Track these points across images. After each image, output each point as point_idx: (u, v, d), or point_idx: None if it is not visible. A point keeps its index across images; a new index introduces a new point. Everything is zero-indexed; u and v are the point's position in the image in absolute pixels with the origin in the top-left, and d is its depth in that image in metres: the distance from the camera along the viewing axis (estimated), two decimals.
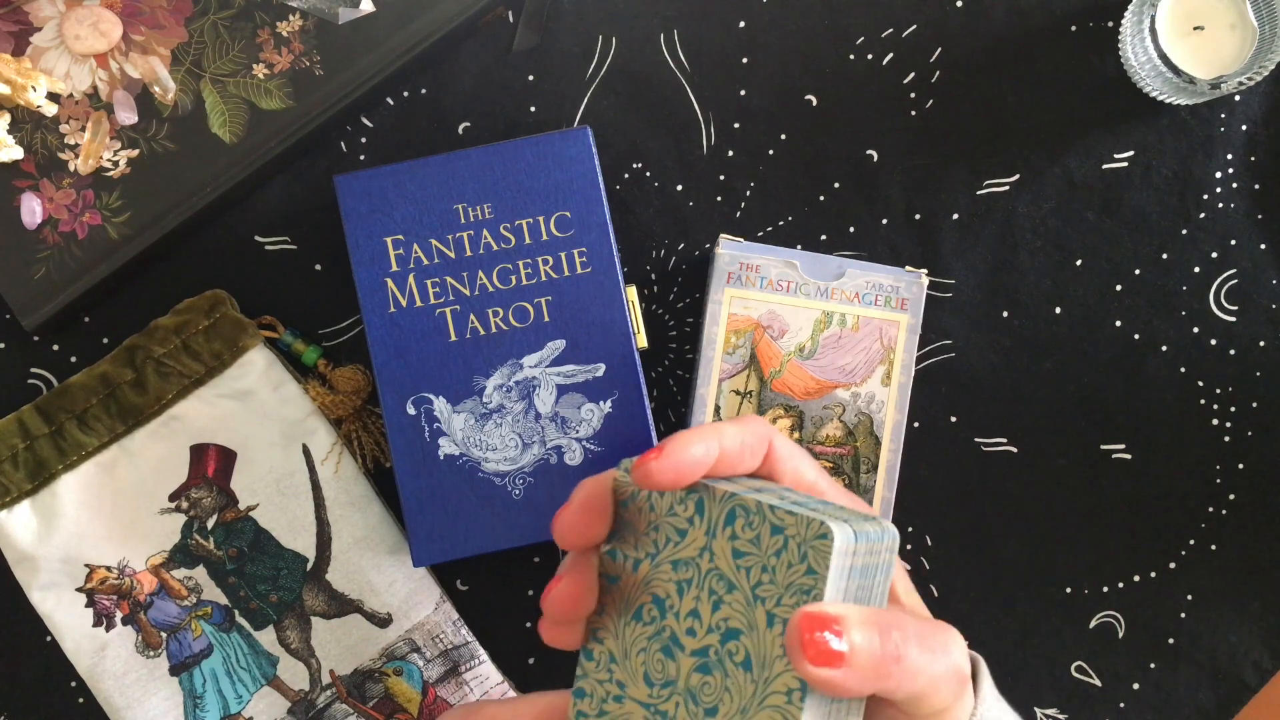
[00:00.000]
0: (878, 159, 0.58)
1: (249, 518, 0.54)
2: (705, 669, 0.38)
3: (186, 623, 0.54)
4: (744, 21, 0.58)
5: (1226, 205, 0.59)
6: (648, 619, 0.39)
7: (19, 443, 0.53)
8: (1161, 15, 0.55)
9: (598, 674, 0.40)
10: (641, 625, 0.39)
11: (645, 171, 0.58)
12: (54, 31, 0.53)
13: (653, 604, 0.39)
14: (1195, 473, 0.59)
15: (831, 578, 0.36)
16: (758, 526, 0.37)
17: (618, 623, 0.40)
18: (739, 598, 0.37)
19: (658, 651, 0.39)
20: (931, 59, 0.58)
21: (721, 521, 0.38)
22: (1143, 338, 0.59)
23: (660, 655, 0.39)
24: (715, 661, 0.38)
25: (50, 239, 0.53)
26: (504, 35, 0.57)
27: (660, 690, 0.39)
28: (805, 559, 0.36)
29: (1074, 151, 0.59)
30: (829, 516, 0.36)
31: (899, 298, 0.55)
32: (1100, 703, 0.59)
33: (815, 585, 0.36)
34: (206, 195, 0.53)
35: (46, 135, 0.53)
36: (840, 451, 0.55)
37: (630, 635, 0.40)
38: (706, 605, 0.38)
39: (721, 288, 0.55)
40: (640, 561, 0.39)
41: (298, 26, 0.54)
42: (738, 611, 0.38)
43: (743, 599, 0.37)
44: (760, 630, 0.37)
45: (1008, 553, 0.59)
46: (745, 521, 0.38)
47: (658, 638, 0.39)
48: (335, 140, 0.57)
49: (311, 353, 0.56)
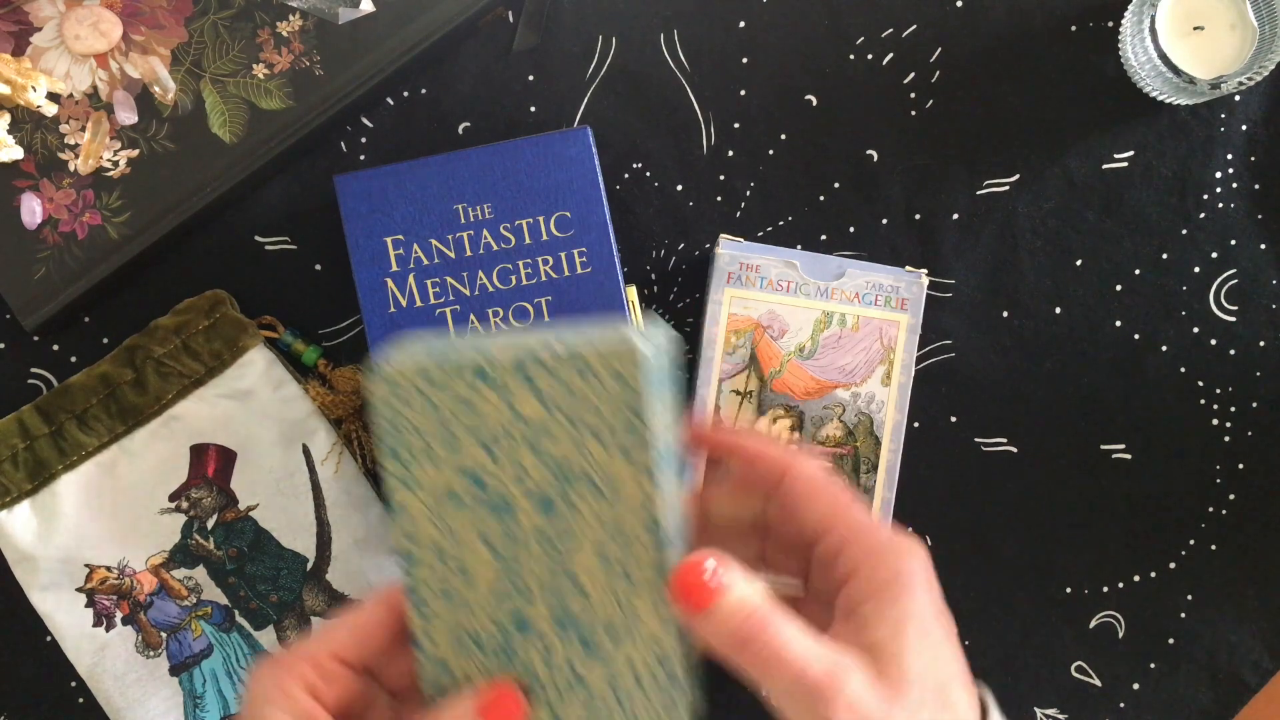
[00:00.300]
0: (878, 159, 0.58)
1: (249, 518, 0.54)
2: (549, 507, 0.39)
3: (186, 623, 0.54)
4: (744, 21, 0.58)
5: (1226, 205, 0.59)
6: (465, 496, 0.39)
7: (19, 443, 0.53)
8: (1161, 15, 0.55)
9: (427, 569, 0.40)
10: (461, 505, 0.39)
11: (645, 171, 0.58)
12: (54, 31, 0.53)
13: (466, 480, 0.39)
14: (1195, 473, 0.59)
15: (644, 385, 0.37)
16: (554, 367, 0.38)
17: (431, 515, 0.40)
18: (562, 436, 0.38)
19: (490, 518, 0.39)
20: (931, 59, 0.58)
21: (515, 380, 0.38)
22: (1143, 338, 0.59)
23: (493, 520, 0.39)
24: (558, 497, 0.39)
25: (50, 239, 0.53)
26: (504, 35, 0.57)
27: (507, 548, 0.39)
28: (618, 377, 0.38)
29: (1074, 151, 0.59)
30: (613, 333, 0.38)
31: (899, 298, 0.55)
32: (1100, 703, 0.59)
33: (635, 397, 0.38)
34: (206, 195, 0.53)
35: (46, 135, 0.53)
36: (840, 451, 0.55)
37: (452, 518, 0.39)
38: (529, 455, 0.39)
39: (721, 288, 0.55)
40: (434, 450, 0.39)
41: (298, 26, 0.54)
42: (563, 445, 0.38)
43: (566, 435, 0.38)
44: (594, 453, 0.38)
45: (1008, 553, 0.59)
46: (543, 371, 0.38)
47: (484, 507, 0.39)
48: (335, 140, 0.57)
49: (311, 353, 0.56)
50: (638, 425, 0.38)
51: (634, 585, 0.38)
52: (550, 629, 0.39)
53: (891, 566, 0.38)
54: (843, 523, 0.39)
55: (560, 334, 0.39)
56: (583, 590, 0.39)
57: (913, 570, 0.38)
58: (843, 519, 0.39)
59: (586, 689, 0.39)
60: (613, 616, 0.39)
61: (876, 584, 0.38)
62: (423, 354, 0.39)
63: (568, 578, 0.39)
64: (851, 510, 0.39)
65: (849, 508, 0.39)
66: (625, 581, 0.39)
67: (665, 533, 0.38)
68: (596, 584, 0.39)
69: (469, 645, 0.40)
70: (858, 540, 0.38)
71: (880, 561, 0.38)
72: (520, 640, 0.40)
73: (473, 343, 0.39)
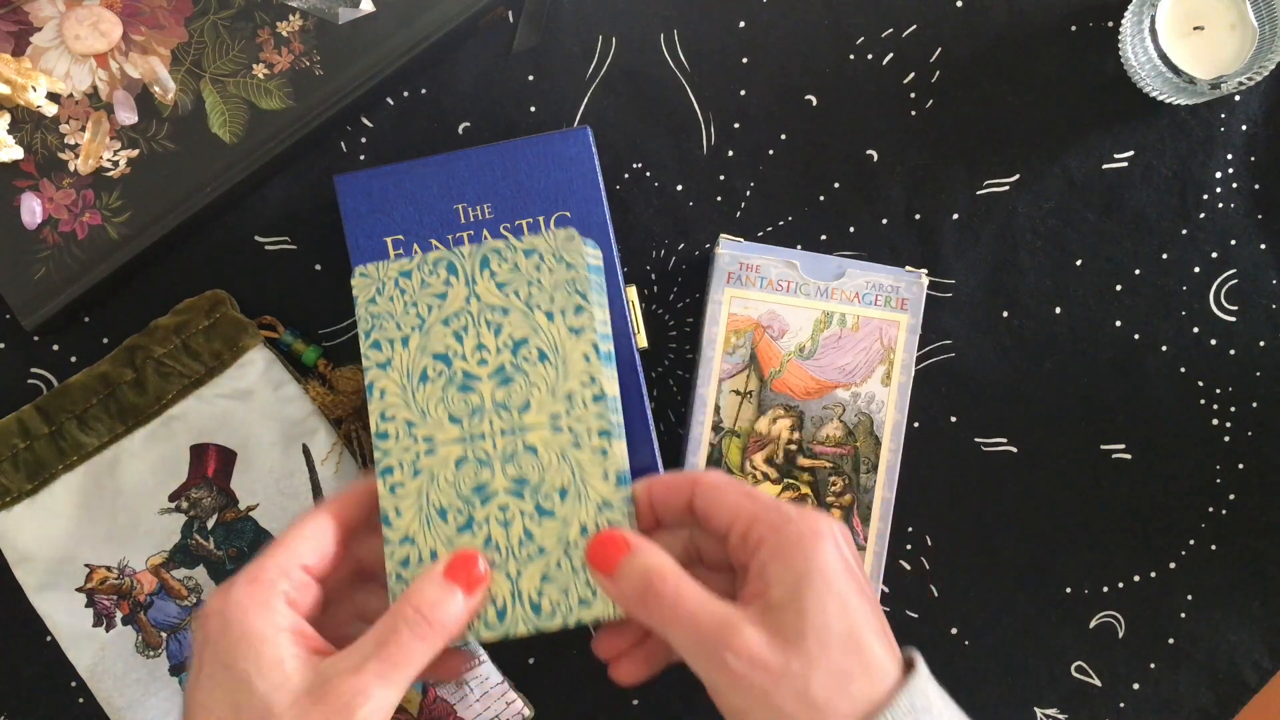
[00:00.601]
0: (878, 159, 0.58)
1: (249, 518, 0.54)
2: (506, 380, 0.45)
3: (186, 623, 0.54)
4: (744, 21, 0.58)
5: (1226, 205, 0.59)
6: (434, 375, 0.45)
7: (19, 443, 0.53)
8: (1161, 15, 0.55)
9: (399, 445, 0.45)
10: (430, 384, 0.45)
11: (645, 171, 0.58)
12: (54, 31, 0.53)
13: (435, 361, 0.45)
14: (1195, 473, 0.59)
15: (586, 266, 0.45)
16: (511, 257, 0.45)
17: (405, 395, 0.45)
18: (516, 315, 0.45)
19: (455, 394, 0.45)
20: (931, 59, 0.58)
21: (477, 269, 0.45)
22: (1143, 338, 0.59)
23: (458, 395, 0.45)
24: (514, 370, 0.44)
25: (50, 239, 0.53)
26: (504, 35, 0.57)
27: (470, 421, 0.45)
28: (561, 260, 0.45)
29: (1074, 151, 0.59)
30: (560, 229, 0.45)
31: (899, 298, 0.55)
32: (1100, 703, 0.59)
33: (577, 276, 0.45)
34: (206, 195, 0.53)
35: (46, 135, 0.53)
36: (840, 451, 0.55)
37: (422, 397, 0.45)
38: (489, 335, 0.45)
39: (721, 288, 0.55)
40: (409, 336, 0.45)
41: (298, 26, 0.54)
42: (519, 324, 0.45)
43: (519, 314, 0.45)
44: (544, 327, 0.45)
45: (1008, 553, 0.59)
46: (499, 259, 0.45)
47: (451, 384, 0.45)
48: (335, 140, 0.57)
49: (311, 353, 0.56)
50: (583, 304, 0.44)
51: (582, 449, 0.43)
52: (509, 496, 0.44)
53: (794, 533, 0.40)
54: (748, 507, 0.41)
55: (516, 235, 0.47)
56: (537, 456, 0.44)
57: (817, 532, 0.40)
58: (748, 504, 0.41)
59: (543, 553, 0.43)
60: (564, 480, 0.44)
61: (780, 548, 0.40)
62: (399, 260, 0.46)
63: (524, 445, 0.44)
64: (756, 496, 0.42)
65: (753, 495, 0.42)
66: (574, 447, 0.44)
67: (609, 401, 0.44)
68: (550, 450, 0.44)
69: (435, 519, 0.44)
70: (764, 517, 0.41)
71: (784, 529, 0.40)
72: (481, 511, 0.44)
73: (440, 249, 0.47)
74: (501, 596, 0.43)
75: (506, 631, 0.43)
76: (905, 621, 0.58)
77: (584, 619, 0.43)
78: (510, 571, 0.44)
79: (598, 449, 0.43)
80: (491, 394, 0.44)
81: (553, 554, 0.43)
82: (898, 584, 0.58)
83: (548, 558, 0.43)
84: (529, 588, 0.43)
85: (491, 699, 0.55)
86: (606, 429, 0.43)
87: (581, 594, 0.43)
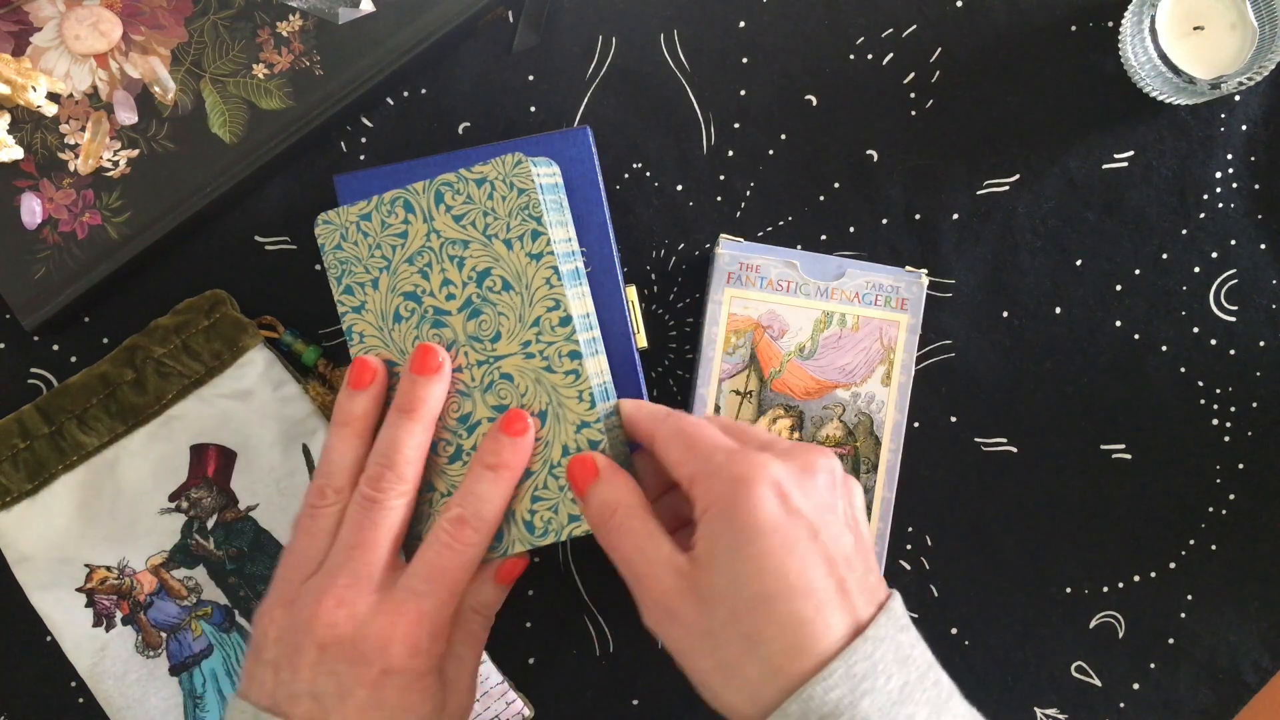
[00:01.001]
0: (878, 159, 0.58)
1: (249, 518, 0.54)
2: (475, 313, 0.46)
3: (186, 623, 0.54)
4: (744, 21, 0.58)
5: (1226, 205, 0.59)
6: (407, 314, 0.46)
7: (19, 443, 0.53)
8: (1161, 15, 0.55)
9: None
10: (404, 323, 0.46)
11: (645, 171, 0.58)
12: (54, 31, 0.53)
13: (405, 300, 0.46)
14: (1195, 473, 0.59)
15: (538, 190, 0.45)
16: (464, 190, 0.46)
17: (382, 336, 0.47)
18: (476, 247, 0.46)
19: (429, 330, 0.46)
20: (931, 59, 0.58)
21: (433, 205, 0.46)
22: (1143, 338, 0.59)
23: (432, 331, 0.46)
24: (481, 302, 0.46)
25: (50, 239, 0.53)
26: (504, 35, 0.57)
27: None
28: (513, 186, 0.45)
29: (1074, 151, 0.59)
30: (508, 155, 0.46)
31: (899, 298, 0.55)
32: (1100, 703, 0.59)
33: (530, 200, 0.45)
34: (206, 195, 0.53)
35: (46, 135, 0.53)
36: (840, 451, 0.55)
37: (398, 336, 0.47)
38: (453, 269, 0.46)
39: (721, 288, 0.55)
40: (378, 278, 0.47)
41: (298, 26, 0.54)
42: (480, 256, 0.46)
43: (479, 245, 0.46)
44: (504, 256, 0.45)
45: (1008, 553, 0.59)
46: (453, 193, 0.46)
47: (424, 321, 0.46)
48: (335, 140, 0.57)
49: (311, 353, 0.56)
50: (538, 228, 0.45)
51: (555, 372, 0.45)
52: (492, 424, 0.45)
53: (718, 488, 0.40)
54: (693, 454, 0.42)
55: (466, 165, 0.47)
56: (514, 383, 0.45)
57: (743, 482, 0.39)
58: (693, 451, 0.42)
59: (530, 475, 0.45)
60: (541, 403, 0.45)
61: (708, 504, 0.40)
62: (358, 204, 0.47)
63: (500, 373, 0.45)
64: (697, 445, 0.42)
65: (694, 445, 0.42)
66: (547, 371, 0.45)
67: (577, 321, 0.45)
68: (524, 376, 0.45)
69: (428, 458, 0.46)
70: (699, 471, 0.41)
71: (711, 483, 0.40)
72: (469, 440, 0.46)
73: (397, 188, 0.48)
74: None
75: (505, 550, 0.45)
76: None
77: (575, 534, 0.44)
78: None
79: (570, 371, 0.45)
80: (463, 327, 0.46)
81: (539, 475, 0.45)
82: (898, 584, 0.58)
83: (535, 478, 0.45)
84: (521, 509, 0.45)
85: (491, 699, 0.55)
86: (576, 349, 0.45)
87: (570, 510, 0.45)
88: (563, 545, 0.57)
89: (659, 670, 0.57)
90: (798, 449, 0.42)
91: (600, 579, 0.57)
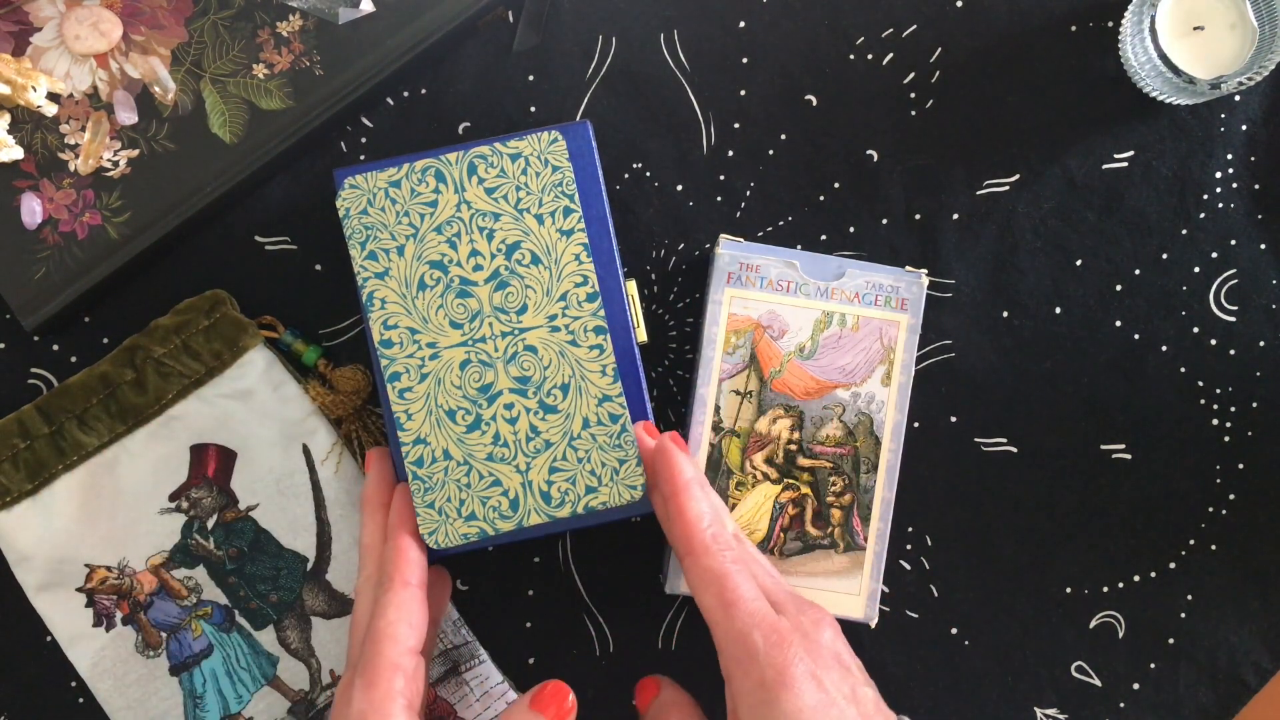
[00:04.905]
0: (878, 159, 0.58)
1: (249, 518, 0.54)
2: (502, 284, 0.46)
3: (186, 623, 0.54)
4: (744, 21, 0.58)
5: (1226, 205, 0.59)
6: (432, 282, 0.47)
7: (19, 443, 0.53)
8: (1161, 15, 0.55)
9: (404, 352, 0.47)
10: (429, 291, 0.47)
11: (645, 171, 0.58)
12: (54, 31, 0.53)
13: (431, 268, 0.47)
14: (1195, 473, 0.59)
15: (572, 170, 0.47)
16: (498, 163, 0.47)
17: (405, 303, 0.47)
18: (507, 220, 0.46)
19: (454, 300, 0.47)
20: (931, 59, 0.58)
21: (465, 175, 0.47)
22: (1143, 338, 0.59)
23: (457, 300, 0.47)
24: (509, 274, 0.46)
25: (50, 239, 0.53)
26: (504, 35, 0.57)
27: (470, 325, 0.47)
28: (547, 163, 0.47)
29: (1074, 151, 0.59)
30: (544, 131, 0.47)
31: (899, 298, 0.55)
32: (1100, 703, 0.59)
33: (564, 177, 0.47)
34: (206, 195, 0.53)
35: (46, 135, 0.53)
36: (840, 451, 0.55)
37: (422, 304, 0.47)
38: (482, 240, 0.46)
39: (721, 288, 0.55)
40: (404, 245, 0.47)
41: (298, 26, 0.54)
42: (510, 229, 0.46)
43: (510, 219, 0.46)
44: (535, 231, 0.46)
45: (1008, 553, 0.59)
46: (486, 165, 0.47)
47: (449, 290, 0.47)
48: (335, 140, 0.57)
49: (311, 353, 0.56)
50: (571, 205, 0.46)
51: (580, 346, 0.46)
52: (513, 395, 0.46)
53: (757, 679, 0.39)
54: (719, 623, 0.41)
55: (500, 139, 0.48)
56: (537, 355, 0.46)
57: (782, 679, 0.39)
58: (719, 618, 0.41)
59: (549, 446, 0.46)
60: (564, 376, 0.46)
61: (745, 692, 0.39)
62: (387, 169, 0.47)
63: (524, 345, 0.46)
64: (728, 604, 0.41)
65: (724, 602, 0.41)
66: (572, 345, 0.46)
67: (602, 297, 0.46)
68: (549, 349, 0.46)
69: (444, 419, 0.47)
70: (729, 650, 0.40)
71: (749, 669, 0.39)
72: (488, 410, 0.46)
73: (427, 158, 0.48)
74: (513, 488, 0.46)
75: (520, 521, 0.46)
76: (905, 621, 0.58)
77: (592, 505, 0.45)
78: (519, 465, 0.46)
79: (594, 345, 0.46)
80: (489, 298, 0.46)
81: (559, 446, 0.46)
82: (898, 584, 0.58)
83: (554, 450, 0.46)
84: (538, 479, 0.46)
85: (491, 699, 0.55)
86: (601, 325, 0.46)
87: (588, 482, 0.46)
88: (563, 545, 0.57)
89: (659, 670, 0.57)
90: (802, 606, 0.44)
91: (600, 579, 0.57)
